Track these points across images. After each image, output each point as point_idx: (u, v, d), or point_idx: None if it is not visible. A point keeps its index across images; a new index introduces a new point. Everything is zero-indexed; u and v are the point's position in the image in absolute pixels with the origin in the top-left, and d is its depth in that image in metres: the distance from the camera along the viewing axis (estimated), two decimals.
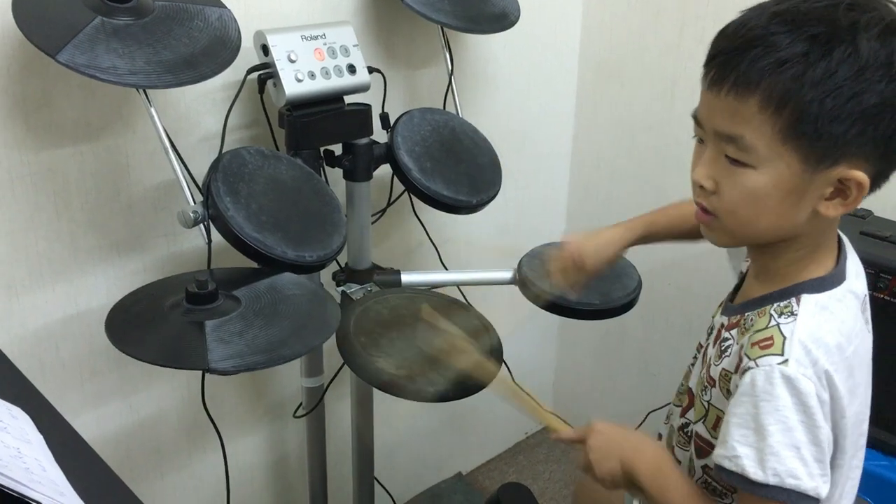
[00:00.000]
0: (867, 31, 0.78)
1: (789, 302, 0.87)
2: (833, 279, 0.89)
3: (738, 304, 0.97)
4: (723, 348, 0.94)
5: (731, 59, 0.82)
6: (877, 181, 0.84)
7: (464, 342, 1.19)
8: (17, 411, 0.76)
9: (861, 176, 0.81)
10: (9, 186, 1.14)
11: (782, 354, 0.82)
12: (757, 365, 0.83)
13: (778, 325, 0.85)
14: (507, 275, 1.44)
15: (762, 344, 0.85)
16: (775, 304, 0.88)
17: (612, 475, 0.98)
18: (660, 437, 1.12)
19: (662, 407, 1.84)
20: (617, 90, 1.90)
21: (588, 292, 1.36)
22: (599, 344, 2.14)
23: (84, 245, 1.24)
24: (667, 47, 1.76)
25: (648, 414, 1.77)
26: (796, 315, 0.85)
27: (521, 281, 1.36)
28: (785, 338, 0.84)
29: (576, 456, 1.05)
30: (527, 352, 2.10)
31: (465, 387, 1.14)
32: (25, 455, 0.68)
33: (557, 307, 1.36)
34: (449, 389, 1.13)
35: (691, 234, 1.22)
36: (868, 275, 0.99)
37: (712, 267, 1.69)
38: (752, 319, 0.91)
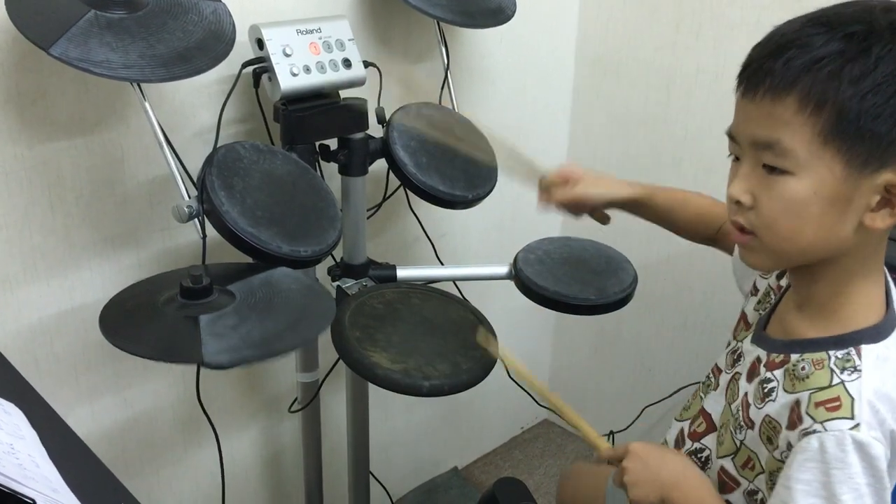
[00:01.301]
0: None
1: (849, 353, 0.82)
2: (887, 326, 0.84)
3: (782, 342, 0.91)
4: (765, 390, 0.88)
5: (764, 63, 0.80)
6: None
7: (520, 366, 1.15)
8: (11, 407, 0.76)
9: None
10: (3, 181, 1.14)
11: (853, 418, 0.78)
12: (825, 429, 0.79)
13: (843, 383, 0.81)
14: (503, 269, 1.44)
15: (829, 406, 0.80)
16: (833, 357, 0.83)
17: (647, 502, 0.94)
18: (664, 442, 1.10)
19: (658, 402, 1.85)
20: (613, 85, 1.90)
21: (584, 287, 1.36)
22: (595, 339, 2.14)
23: (78, 239, 1.24)
24: (663, 43, 1.76)
25: (644, 409, 1.78)
26: (860, 371, 0.81)
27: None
28: (853, 399, 0.79)
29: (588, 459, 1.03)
30: (522, 347, 2.11)
31: (461, 381, 1.14)
32: (19, 451, 0.68)
33: (553, 302, 1.36)
34: (444, 384, 1.13)
35: (680, 225, 1.21)
36: None
37: (708, 263, 1.69)
38: (804, 368, 0.85)
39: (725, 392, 0.99)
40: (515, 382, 1.74)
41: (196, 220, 1.13)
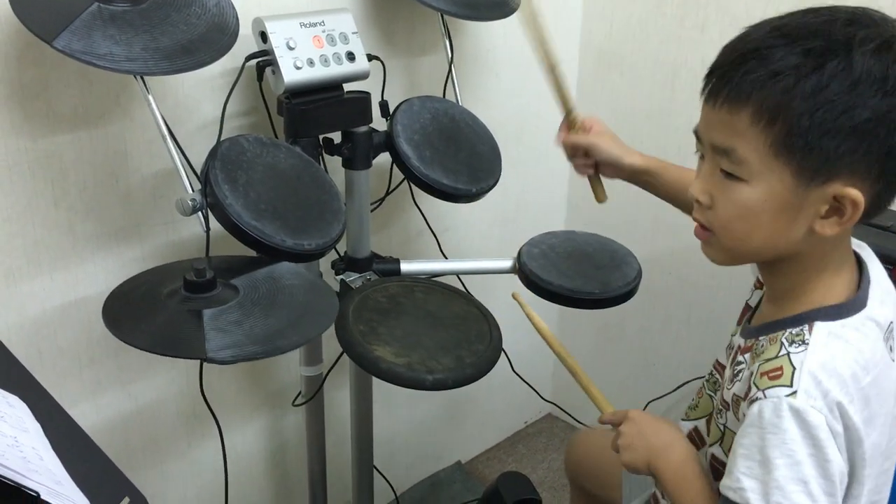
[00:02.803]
0: (863, 46, 0.77)
1: (801, 330, 0.85)
2: (851, 306, 0.87)
3: (755, 327, 0.95)
4: (735, 372, 0.92)
5: (726, 71, 0.83)
6: (877, 202, 0.83)
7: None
8: (15, 400, 0.76)
9: (856, 194, 0.80)
10: (6, 174, 1.14)
11: (791, 386, 0.81)
12: (765, 396, 0.82)
13: (788, 354, 0.83)
14: (507, 263, 1.44)
15: (771, 374, 0.83)
16: (787, 332, 0.86)
17: (634, 466, 0.98)
18: None
19: (661, 396, 1.85)
20: (617, 79, 1.89)
21: (587, 281, 1.36)
22: (599, 333, 2.14)
23: (82, 233, 1.24)
24: (668, 36, 1.75)
25: (648, 404, 1.77)
26: (807, 344, 0.83)
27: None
28: (795, 368, 0.82)
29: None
30: (526, 341, 2.09)
31: (464, 375, 1.14)
32: (23, 444, 0.68)
33: (557, 296, 1.36)
34: (448, 378, 1.13)
35: (685, 203, 1.21)
36: None
37: None
38: (763, 345, 0.89)
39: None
40: (519, 376, 1.74)
41: (199, 213, 1.13)
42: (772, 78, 0.79)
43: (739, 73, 0.81)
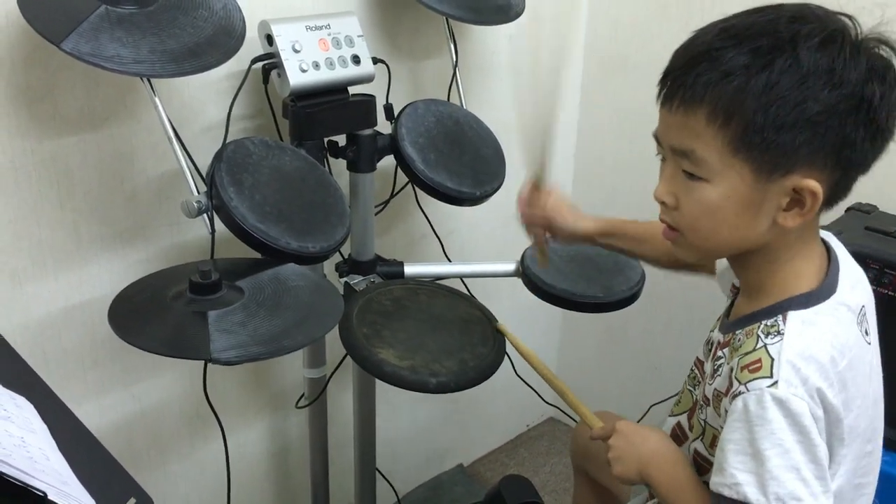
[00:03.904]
0: (808, 41, 0.79)
1: (776, 320, 0.86)
2: (821, 293, 0.88)
3: (731, 322, 0.96)
4: (715, 367, 0.94)
5: (679, 75, 0.85)
6: (835, 191, 0.85)
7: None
8: (22, 400, 0.76)
9: (814, 185, 0.82)
10: (12, 175, 1.14)
11: (771, 377, 0.82)
12: (748, 389, 0.83)
13: (765, 346, 0.85)
14: (510, 267, 1.44)
15: (751, 367, 0.84)
16: (762, 324, 0.87)
17: (626, 477, 0.99)
18: None
19: (664, 400, 1.85)
20: (621, 83, 1.89)
21: (591, 285, 1.36)
22: (602, 337, 2.14)
23: (87, 234, 1.24)
24: (672, 41, 1.74)
25: (650, 407, 1.77)
26: (783, 334, 0.85)
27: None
28: (773, 359, 0.83)
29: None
30: (529, 344, 2.09)
31: (468, 378, 1.14)
32: (30, 444, 0.68)
33: (560, 300, 1.36)
34: (451, 381, 1.13)
35: (653, 256, 1.23)
36: (872, 270, 0.98)
37: None
38: (740, 339, 0.90)
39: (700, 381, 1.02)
40: (522, 380, 1.74)
41: (205, 215, 1.13)
42: (724, 78, 0.81)
43: (692, 76, 0.83)
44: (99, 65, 0.99)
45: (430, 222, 1.63)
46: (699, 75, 0.82)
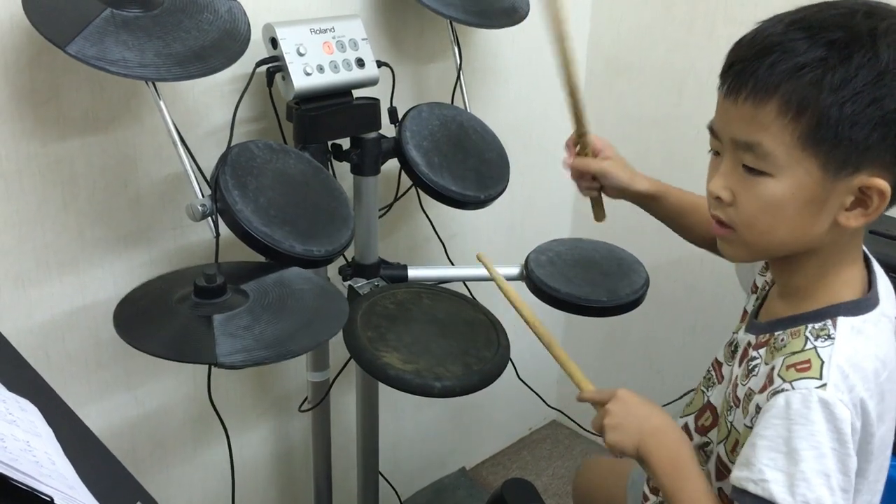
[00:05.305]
0: (886, 36, 0.78)
1: (825, 324, 0.85)
2: (868, 302, 0.87)
3: (766, 323, 0.94)
4: (750, 367, 0.91)
5: (748, 65, 0.82)
6: None
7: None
8: (27, 404, 0.76)
9: (883, 184, 0.80)
10: (16, 178, 1.14)
11: (820, 378, 0.80)
12: (793, 387, 0.80)
13: (815, 348, 0.83)
14: (514, 270, 1.44)
15: (799, 367, 0.82)
16: (810, 326, 0.85)
17: (620, 448, 0.93)
18: None
19: (668, 404, 1.84)
20: (625, 86, 1.89)
21: (595, 289, 1.36)
22: (605, 341, 2.14)
23: (91, 237, 1.24)
24: (676, 43, 1.76)
25: None
26: (834, 339, 0.83)
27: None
28: (823, 361, 0.81)
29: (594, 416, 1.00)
30: (532, 348, 2.09)
31: (472, 383, 1.14)
32: (35, 448, 0.68)
33: (564, 303, 1.36)
34: (456, 385, 1.13)
35: (688, 228, 1.21)
36: None
37: (718, 265, 1.68)
38: (783, 339, 0.88)
39: (727, 383, 0.99)
40: (524, 383, 1.74)
41: (209, 218, 1.13)
42: (798, 70, 0.78)
43: (764, 67, 0.80)
44: (104, 68, 0.99)
45: (433, 226, 1.62)
46: (772, 66, 0.80)
